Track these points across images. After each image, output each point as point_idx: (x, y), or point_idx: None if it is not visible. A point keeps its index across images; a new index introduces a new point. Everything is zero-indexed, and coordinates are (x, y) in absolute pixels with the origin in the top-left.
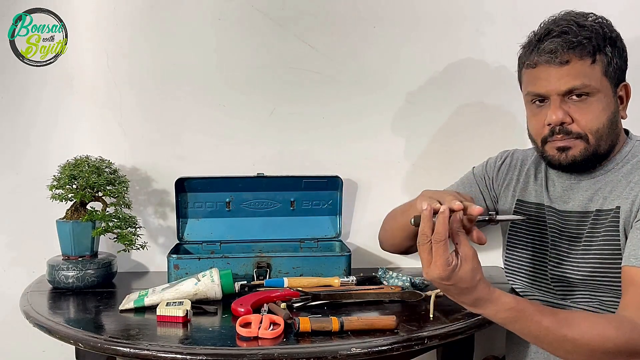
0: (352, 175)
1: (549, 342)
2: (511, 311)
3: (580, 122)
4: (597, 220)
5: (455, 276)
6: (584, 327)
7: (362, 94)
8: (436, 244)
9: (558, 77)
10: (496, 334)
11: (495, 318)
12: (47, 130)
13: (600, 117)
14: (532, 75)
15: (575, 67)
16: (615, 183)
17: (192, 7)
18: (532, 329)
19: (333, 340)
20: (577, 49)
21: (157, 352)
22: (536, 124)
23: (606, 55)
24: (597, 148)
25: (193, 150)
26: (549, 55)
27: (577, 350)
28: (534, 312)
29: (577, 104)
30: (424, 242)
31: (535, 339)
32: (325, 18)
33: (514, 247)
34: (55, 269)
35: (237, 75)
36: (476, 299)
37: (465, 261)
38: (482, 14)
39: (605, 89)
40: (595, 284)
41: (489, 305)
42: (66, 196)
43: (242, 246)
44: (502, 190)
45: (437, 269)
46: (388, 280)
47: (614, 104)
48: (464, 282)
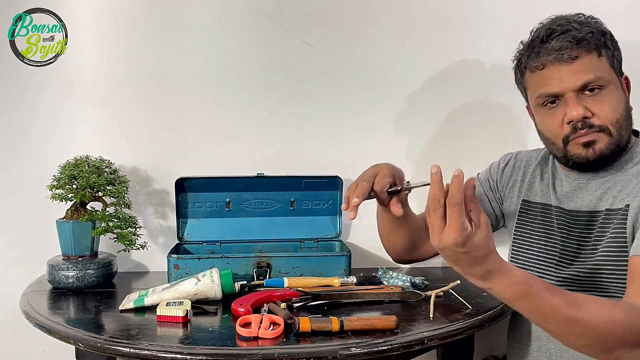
0: (352, 175)
1: (557, 323)
2: (522, 285)
3: (600, 115)
4: (607, 219)
5: (470, 243)
6: (593, 309)
7: (362, 93)
8: (451, 207)
9: (570, 73)
10: (496, 334)
11: (504, 293)
12: (47, 130)
13: (617, 108)
14: (541, 76)
15: (584, 62)
16: (625, 183)
17: (192, 7)
18: (541, 307)
19: (333, 340)
20: (583, 44)
21: (157, 352)
22: (552, 124)
23: (609, 49)
24: (619, 139)
25: (193, 150)
26: (557, 53)
27: (586, 332)
28: (544, 290)
29: (593, 98)
30: (436, 208)
31: (544, 319)
32: (325, 18)
33: (519, 247)
34: (55, 269)
35: (237, 75)
36: (487, 270)
37: (479, 228)
38: (482, 13)
39: (615, 81)
40: (601, 283)
41: (500, 278)
42: (66, 196)
43: (242, 246)
44: (507, 192)
45: (453, 233)
46: (388, 280)
47: (624, 95)
48: (478, 249)
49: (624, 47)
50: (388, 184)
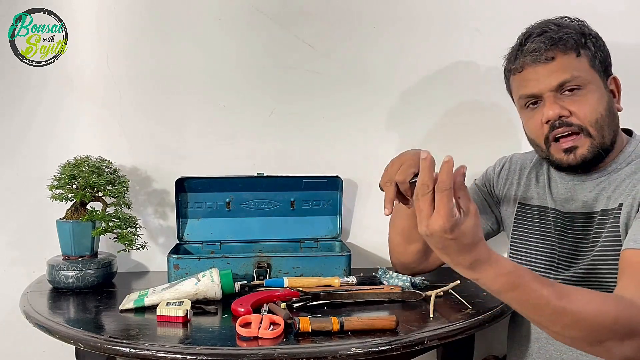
0: (352, 175)
1: (547, 315)
2: (510, 276)
3: (578, 114)
4: (602, 220)
5: (458, 229)
6: (583, 300)
7: (363, 93)
8: (440, 192)
9: (547, 73)
10: (496, 334)
11: (493, 285)
12: (47, 130)
13: (597, 108)
14: (521, 78)
15: (561, 62)
16: (619, 182)
17: (192, 7)
18: (531, 298)
19: (333, 340)
20: (559, 44)
21: (157, 352)
22: (534, 125)
23: (589, 49)
24: (601, 141)
25: (193, 150)
26: (534, 55)
27: (575, 324)
28: (533, 280)
29: (571, 98)
30: (424, 193)
31: (533, 310)
32: (326, 18)
33: (518, 250)
34: (55, 269)
35: (237, 75)
36: (475, 259)
37: (468, 215)
38: (482, 13)
39: (596, 81)
40: (600, 283)
41: (488, 268)
42: (66, 196)
43: (242, 246)
44: (504, 195)
45: (441, 218)
46: (388, 280)
47: (607, 95)
48: (466, 237)
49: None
50: (412, 174)
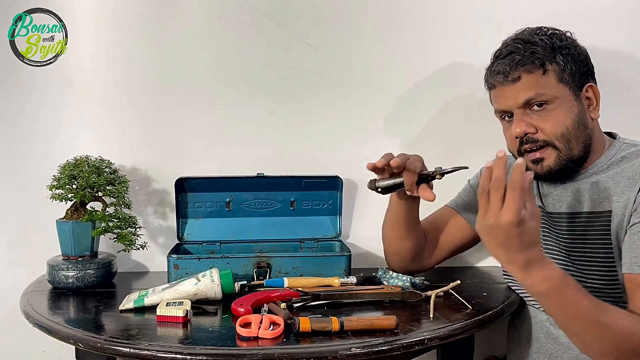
0: (352, 175)
1: (582, 324)
2: (558, 280)
3: (544, 130)
4: (589, 222)
5: (524, 226)
6: (616, 316)
7: (363, 94)
8: (514, 190)
9: (514, 92)
10: (496, 334)
11: (540, 287)
12: (46, 130)
13: (563, 122)
14: (494, 94)
15: (526, 81)
16: (603, 184)
17: (192, 7)
18: (572, 305)
19: (333, 340)
20: (525, 65)
21: (157, 352)
22: (509, 138)
23: (558, 64)
24: (569, 152)
25: (193, 150)
26: (500, 76)
27: (606, 337)
28: (577, 289)
29: (538, 114)
30: (497, 189)
31: (571, 318)
32: (325, 18)
33: None
34: (55, 269)
35: (237, 75)
36: (530, 258)
37: (532, 217)
38: (481, 13)
39: (564, 95)
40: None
41: (540, 269)
42: (66, 196)
43: (242, 246)
44: None
45: (510, 213)
46: (388, 280)
47: (577, 107)
48: (530, 234)
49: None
50: (420, 167)
